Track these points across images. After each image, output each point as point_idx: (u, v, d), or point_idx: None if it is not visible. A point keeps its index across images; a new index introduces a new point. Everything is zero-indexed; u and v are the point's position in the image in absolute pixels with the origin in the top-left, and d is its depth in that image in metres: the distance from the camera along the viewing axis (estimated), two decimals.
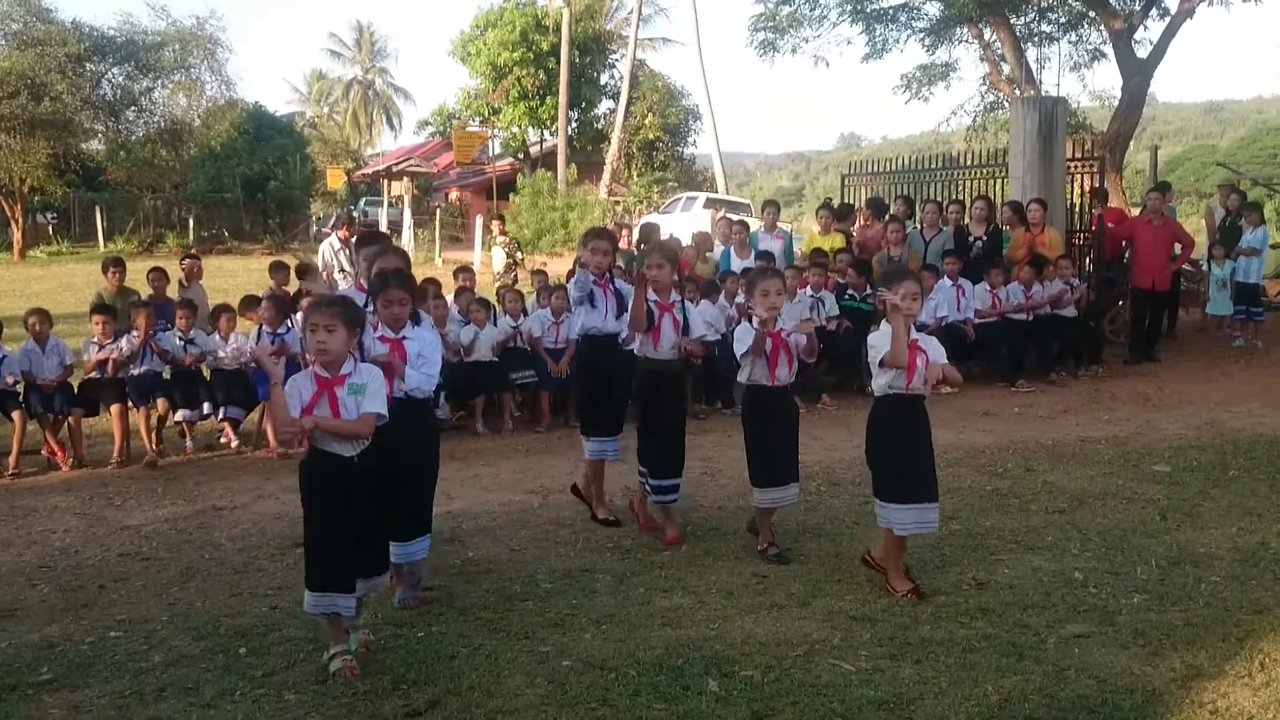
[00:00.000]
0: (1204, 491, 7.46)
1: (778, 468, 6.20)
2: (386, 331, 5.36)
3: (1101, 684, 4.39)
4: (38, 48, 33.34)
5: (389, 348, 5.29)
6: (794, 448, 6.33)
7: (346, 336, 4.63)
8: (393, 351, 5.29)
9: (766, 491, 6.19)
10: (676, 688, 4.42)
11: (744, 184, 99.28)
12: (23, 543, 6.90)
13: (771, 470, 6.19)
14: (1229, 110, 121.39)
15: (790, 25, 23.75)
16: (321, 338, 4.60)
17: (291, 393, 4.61)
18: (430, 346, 5.47)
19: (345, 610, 4.70)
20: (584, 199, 29.04)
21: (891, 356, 5.41)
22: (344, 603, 4.68)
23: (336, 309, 4.67)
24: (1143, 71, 21.15)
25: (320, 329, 4.61)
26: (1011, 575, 5.77)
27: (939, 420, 6.62)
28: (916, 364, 5.50)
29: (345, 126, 73.53)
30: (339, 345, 4.61)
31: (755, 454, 6.28)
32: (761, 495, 6.21)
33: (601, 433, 6.95)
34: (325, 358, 4.64)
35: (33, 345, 9.28)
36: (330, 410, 4.62)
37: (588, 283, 6.75)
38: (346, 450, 4.65)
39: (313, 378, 4.66)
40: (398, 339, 5.35)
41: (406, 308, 5.38)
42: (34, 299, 12.83)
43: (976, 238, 13.09)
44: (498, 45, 43.00)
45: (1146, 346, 13.76)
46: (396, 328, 5.36)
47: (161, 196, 43.18)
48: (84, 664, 4.82)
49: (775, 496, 6.20)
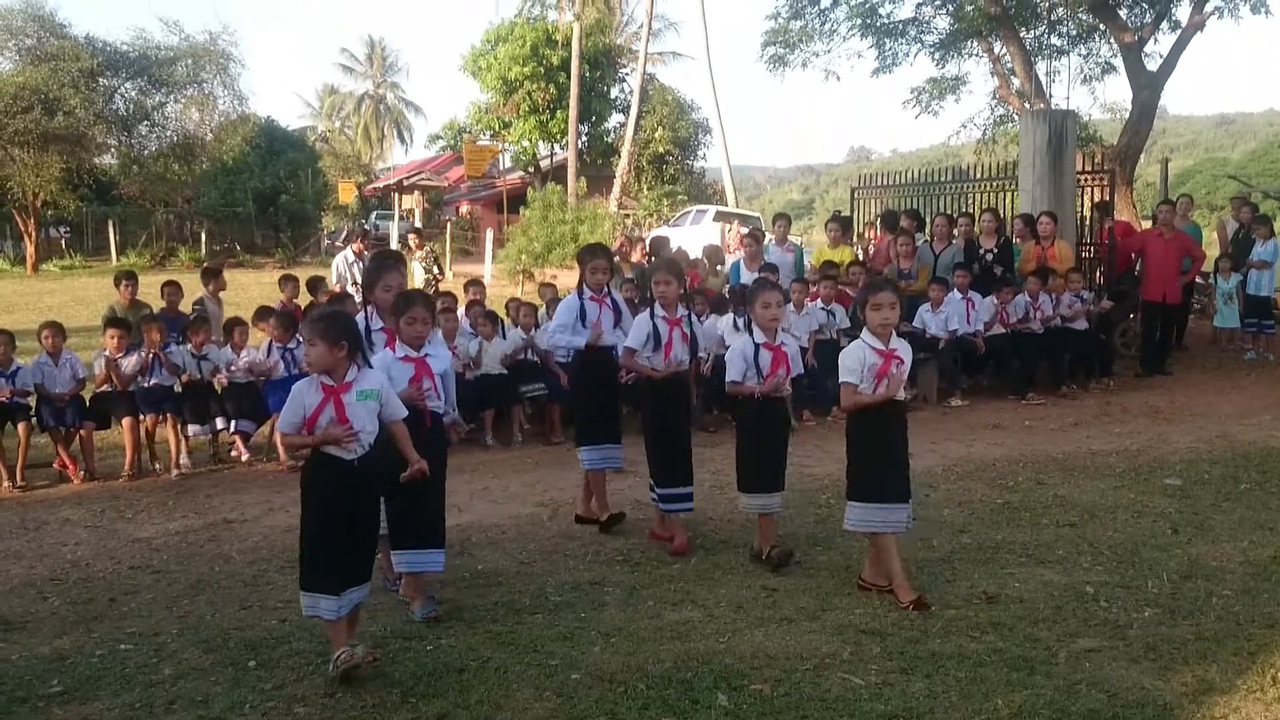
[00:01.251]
0: (1215, 505, 7.44)
1: (767, 475, 6.31)
2: (409, 350, 5.52)
3: (1112, 698, 4.37)
4: (51, 63, 33.57)
5: (414, 367, 5.48)
6: (784, 457, 6.43)
7: (325, 350, 4.74)
8: (418, 369, 5.48)
9: (756, 498, 6.31)
10: (686, 701, 4.41)
11: (754, 197, 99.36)
12: (34, 555, 6.92)
13: (762, 477, 6.30)
14: (1240, 123, 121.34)
15: (801, 40, 23.79)
16: (305, 350, 4.96)
17: (295, 399, 4.76)
18: (448, 363, 5.74)
19: (326, 613, 4.73)
20: (594, 212, 28.97)
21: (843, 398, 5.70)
22: (326, 604, 4.72)
23: (316, 325, 4.84)
24: (1153, 84, 21.12)
25: (305, 342, 4.98)
26: (1022, 589, 5.75)
27: (949, 434, 6.62)
28: (891, 370, 5.63)
29: (357, 140, 73.93)
30: (316, 358, 4.77)
31: (747, 461, 6.38)
32: (751, 501, 6.35)
33: (602, 439, 7.05)
34: (309, 368, 4.91)
35: (45, 358, 9.33)
36: (337, 416, 4.72)
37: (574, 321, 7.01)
38: (347, 454, 4.75)
39: (318, 386, 4.76)
40: (420, 357, 5.53)
41: (429, 326, 5.61)
42: (47, 312, 12.90)
43: (987, 250, 13.08)
44: (508, 60, 43.16)
45: (1157, 359, 13.71)
46: (418, 346, 5.54)
47: (174, 211, 43.35)
48: (94, 676, 4.83)
49: (764, 503, 6.31)
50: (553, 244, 26.11)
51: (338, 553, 4.75)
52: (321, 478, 4.75)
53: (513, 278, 25.51)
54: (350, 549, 4.80)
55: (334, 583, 4.73)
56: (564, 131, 43.25)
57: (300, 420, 4.74)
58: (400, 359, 5.48)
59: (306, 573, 4.79)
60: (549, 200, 27.92)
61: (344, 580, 4.76)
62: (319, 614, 4.76)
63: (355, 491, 4.76)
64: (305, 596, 4.78)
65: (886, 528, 5.63)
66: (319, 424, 4.72)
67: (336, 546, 4.74)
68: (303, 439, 4.77)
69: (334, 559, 4.74)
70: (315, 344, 4.77)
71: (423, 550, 5.53)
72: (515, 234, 27.40)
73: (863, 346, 5.66)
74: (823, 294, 11.79)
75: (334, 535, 4.74)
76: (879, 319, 5.64)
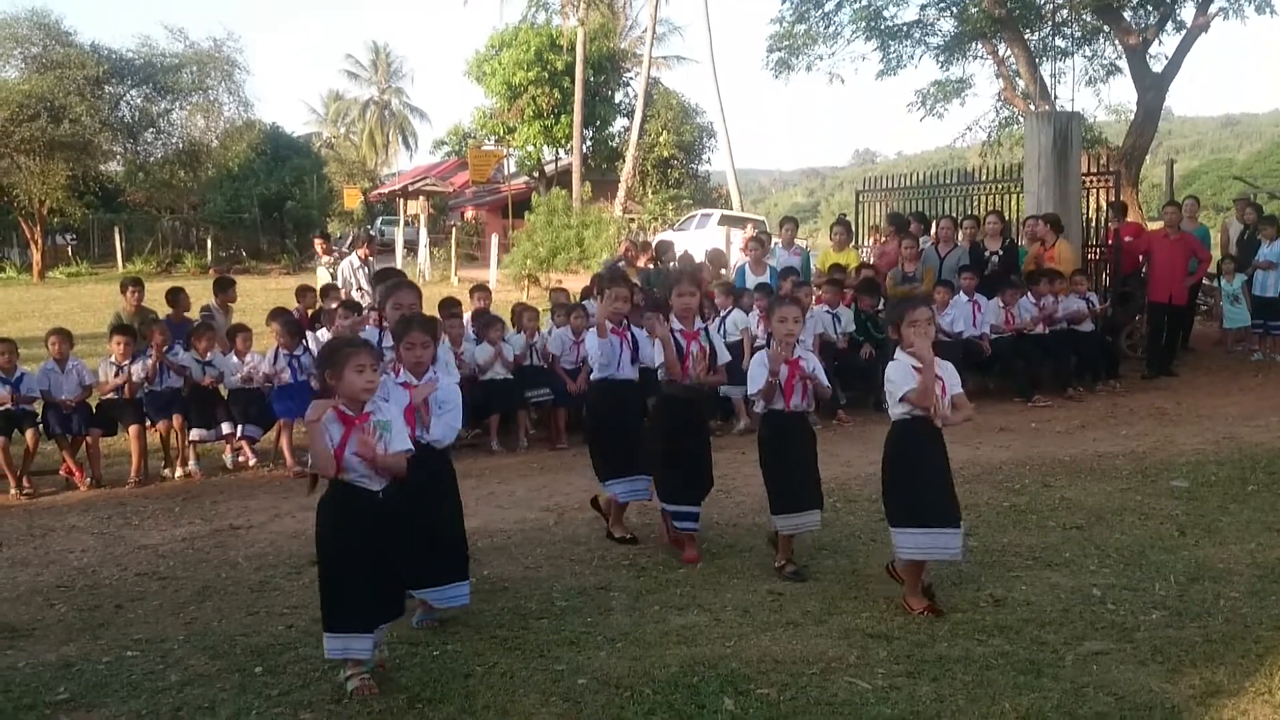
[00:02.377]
0: (1223, 507, 7.42)
1: (795, 494, 6.14)
2: (409, 377, 5.28)
3: (1120, 701, 4.36)
4: (57, 71, 33.67)
5: (408, 395, 5.20)
6: (814, 473, 6.26)
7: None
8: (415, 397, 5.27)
9: (787, 519, 6.15)
10: (692, 706, 4.40)
11: (759, 200, 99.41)
12: (40, 562, 6.93)
13: (789, 497, 6.14)
14: (1246, 124, 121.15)
15: (805, 43, 23.83)
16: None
17: (319, 439, 4.58)
18: (451, 392, 5.41)
19: (360, 653, 4.63)
20: (599, 217, 29.00)
21: (918, 397, 5.39)
22: (359, 645, 4.62)
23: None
24: (1158, 85, 21.12)
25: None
26: (1029, 592, 5.74)
27: (955, 436, 6.59)
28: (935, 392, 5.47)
29: (362, 146, 74.08)
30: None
31: (773, 481, 6.23)
32: (783, 523, 6.16)
33: (631, 472, 6.86)
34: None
35: (52, 365, 9.35)
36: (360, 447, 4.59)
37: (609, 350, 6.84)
38: (375, 485, 4.65)
39: (335, 417, 4.62)
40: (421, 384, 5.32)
41: (429, 350, 5.34)
42: (53, 319, 12.92)
43: (992, 252, 13.07)
44: (513, 65, 43.17)
45: (1164, 361, 13.69)
46: (419, 373, 5.30)
47: (179, 217, 43.50)
48: (101, 683, 4.83)
49: (796, 523, 6.15)
50: (558, 249, 26.15)
51: (370, 588, 4.65)
52: (347, 513, 4.60)
53: (518, 283, 25.54)
54: (383, 583, 4.72)
55: (367, 621, 4.63)
56: (568, 136, 43.27)
57: (330, 457, 4.56)
58: (400, 384, 5.21)
59: (334, 614, 4.63)
60: (554, 205, 27.96)
61: (377, 616, 4.69)
62: (350, 656, 4.62)
63: (384, 523, 4.67)
64: (333, 639, 4.62)
65: (935, 553, 5.47)
66: (346, 460, 4.58)
67: (368, 582, 4.63)
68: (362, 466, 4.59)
69: (366, 595, 4.63)
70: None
71: (447, 586, 5.39)
72: (520, 239, 27.43)
73: (905, 365, 5.47)
74: (826, 298, 11.78)
75: (366, 570, 4.62)
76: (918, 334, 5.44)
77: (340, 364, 4.63)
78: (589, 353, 7.02)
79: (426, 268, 31.16)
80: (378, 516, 4.65)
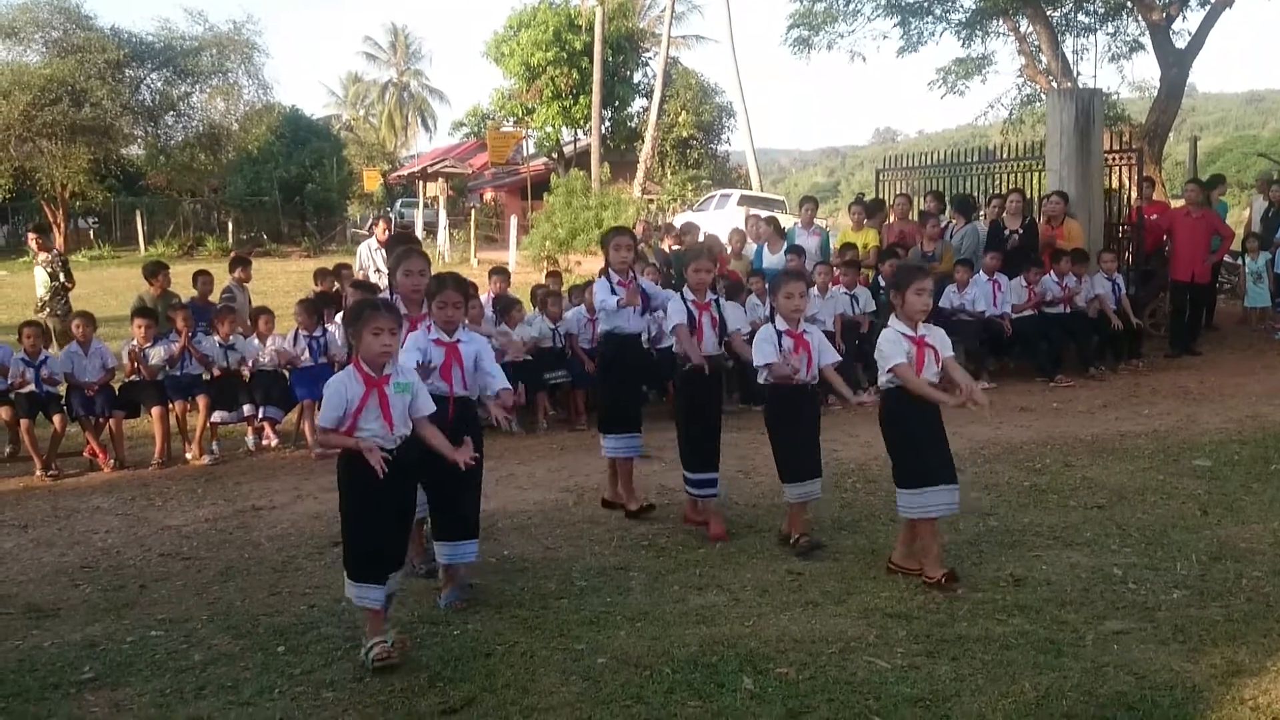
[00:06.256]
0: (1245, 486, 7.38)
1: (805, 462, 6.25)
2: (441, 334, 5.42)
3: (1140, 680, 4.34)
4: (78, 55, 33.79)
5: (445, 351, 5.37)
6: (817, 443, 6.37)
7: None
8: (448, 354, 5.37)
9: (798, 486, 6.24)
10: (711, 685, 4.42)
11: (778, 180, 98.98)
12: (65, 543, 7.00)
13: (801, 465, 6.24)
14: (1270, 100, 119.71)
15: (826, 21, 23.67)
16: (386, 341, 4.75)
17: (336, 393, 4.68)
18: (486, 348, 5.59)
19: (373, 602, 4.76)
20: (618, 198, 28.93)
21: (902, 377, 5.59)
22: (374, 594, 4.75)
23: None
24: (1181, 62, 20.87)
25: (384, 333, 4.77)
26: (1049, 571, 5.73)
27: (976, 416, 6.58)
28: (925, 359, 5.61)
29: (381, 129, 74.06)
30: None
31: (783, 451, 6.32)
32: (794, 490, 6.26)
33: (622, 429, 7.11)
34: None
35: (76, 348, 9.41)
36: (380, 409, 4.69)
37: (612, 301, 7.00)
38: (388, 444, 4.71)
39: (358, 377, 4.71)
40: (452, 342, 5.43)
41: (460, 311, 5.47)
42: (76, 303, 12.98)
43: (1012, 231, 12.99)
44: (531, 45, 43.03)
45: (1187, 340, 13.60)
46: (450, 330, 5.43)
47: (200, 200, 43.66)
48: (125, 663, 4.89)
49: (806, 490, 6.26)
50: (577, 230, 26.13)
51: (384, 541, 4.78)
52: (363, 468, 4.65)
53: (537, 264, 25.55)
54: (394, 536, 4.85)
55: (381, 571, 4.77)
56: (587, 117, 43.11)
57: (342, 415, 4.66)
58: (434, 341, 5.39)
59: (355, 564, 4.78)
60: (573, 186, 27.92)
61: (388, 567, 4.81)
62: (368, 604, 4.76)
63: (397, 479, 4.72)
64: (355, 588, 4.77)
65: (941, 510, 5.60)
66: (364, 418, 4.67)
67: (383, 535, 4.77)
68: (341, 439, 4.69)
69: (380, 547, 4.77)
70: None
71: (460, 542, 5.50)
72: (539, 220, 27.42)
73: (896, 333, 5.63)
74: (845, 280, 11.73)
75: (381, 524, 4.76)
76: (920, 304, 5.62)
77: (361, 325, 4.74)
78: (596, 302, 7.19)
79: (446, 249, 31.18)
80: (390, 472, 4.66)
